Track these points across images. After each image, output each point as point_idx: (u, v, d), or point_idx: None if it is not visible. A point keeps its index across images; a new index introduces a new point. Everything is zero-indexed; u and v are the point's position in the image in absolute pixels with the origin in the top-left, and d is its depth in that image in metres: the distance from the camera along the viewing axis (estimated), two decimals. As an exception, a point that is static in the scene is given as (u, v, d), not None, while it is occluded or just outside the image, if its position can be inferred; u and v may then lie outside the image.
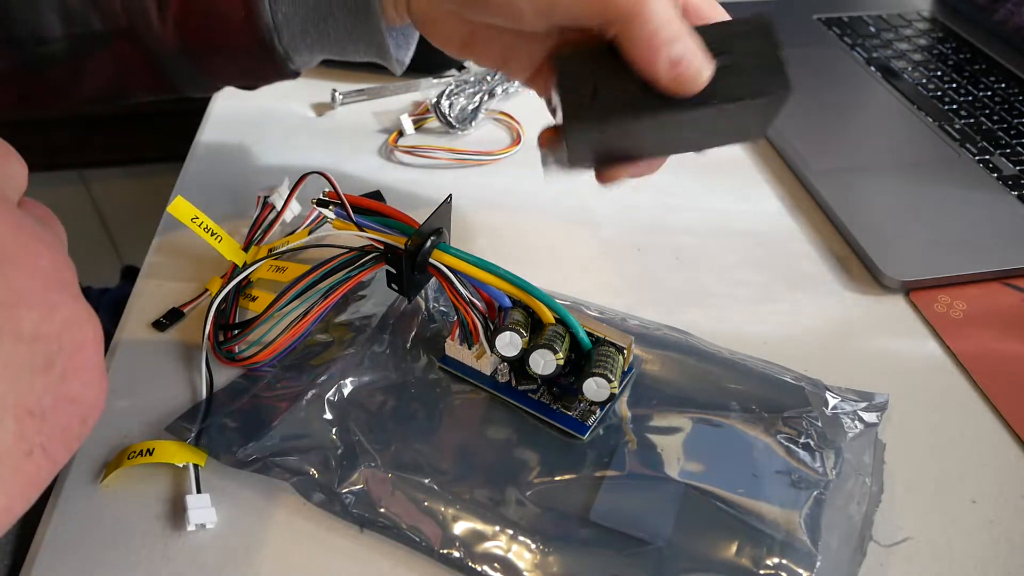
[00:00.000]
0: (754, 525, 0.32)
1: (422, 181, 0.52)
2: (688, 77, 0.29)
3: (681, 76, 0.29)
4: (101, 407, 0.24)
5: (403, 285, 0.37)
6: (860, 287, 0.45)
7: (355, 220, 0.37)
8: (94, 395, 0.23)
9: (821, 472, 0.34)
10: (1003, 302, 0.44)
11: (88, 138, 1.12)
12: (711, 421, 0.36)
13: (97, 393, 0.24)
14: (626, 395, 0.37)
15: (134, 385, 0.38)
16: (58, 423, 0.22)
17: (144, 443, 0.34)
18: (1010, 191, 0.51)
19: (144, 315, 0.42)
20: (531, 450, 0.35)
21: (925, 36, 0.70)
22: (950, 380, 0.40)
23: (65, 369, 0.22)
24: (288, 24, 0.37)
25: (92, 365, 0.23)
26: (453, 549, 0.31)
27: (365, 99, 0.60)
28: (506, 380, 0.37)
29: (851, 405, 0.37)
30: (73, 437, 0.23)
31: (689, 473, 0.34)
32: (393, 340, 0.40)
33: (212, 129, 0.57)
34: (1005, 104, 0.60)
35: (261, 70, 0.40)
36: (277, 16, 0.36)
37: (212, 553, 0.32)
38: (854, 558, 0.31)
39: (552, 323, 0.35)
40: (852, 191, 0.51)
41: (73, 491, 0.34)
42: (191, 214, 0.41)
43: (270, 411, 0.36)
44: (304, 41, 0.38)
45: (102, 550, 0.32)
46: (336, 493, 0.33)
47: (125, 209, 1.20)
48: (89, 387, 0.23)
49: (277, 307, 0.39)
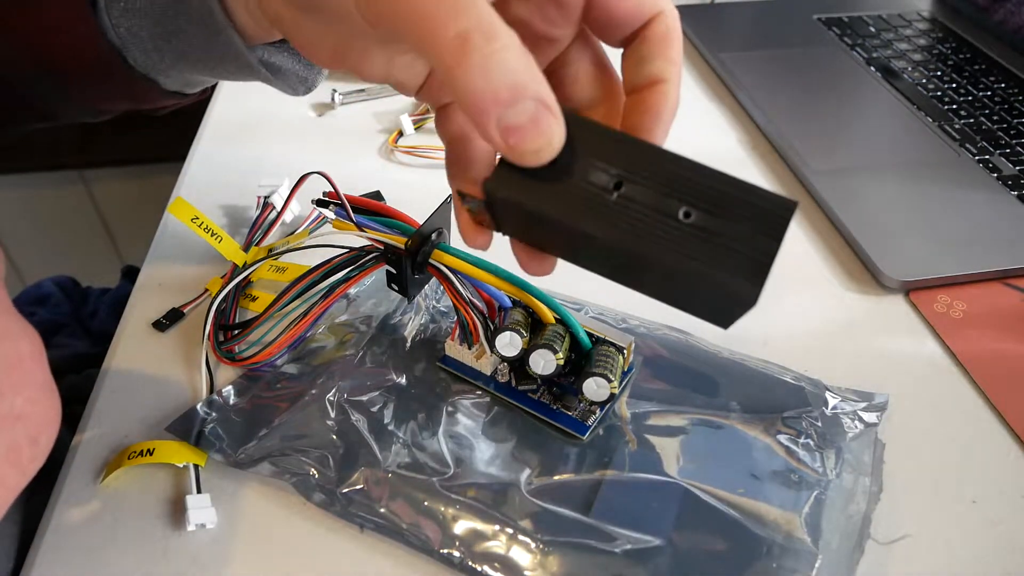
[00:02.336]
0: (754, 525, 0.32)
1: (422, 181, 0.52)
2: (525, 152, 0.22)
3: (516, 149, 0.22)
4: (55, 424, 0.23)
5: (403, 285, 0.37)
6: (860, 287, 0.45)
7: (355, 220, 0.37)
8: (43, 412, 0.22)
9: (821, 472, 0.34)
10: (1003, 302, 0.44)
11: (88, 138, 1.12)
12: (711, 421, 0.36)
13: (46, 409, 0.22)
14: (626, 395, 0.37)
15: (134, 385, 0.38)
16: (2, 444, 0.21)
17: (144, 443, 0.34)
18: (1010, 191, 0.51)
19: (144, 315, 0.42)
20: (531, 450, 0.35)
21: (925, 36, 0.70)
22: (950, 380, 0.40)
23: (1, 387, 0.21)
24: (135, 41, 0.34)
25: (34, 380, 0.22)
26: (453, 549, 0.31)
27: (365, 99, 0.60)
28: (506, 380, 0.37)
29: (851, 405, 0.37)
30: (25, 458, 0.22)
31: (689, 473, 0.34)
32: (393, 340, 0.40)
33: (212, 129, 0.57)
34: (1005, 104, 0.60)
35: (134, 92, 0.37)
36: (120, 31, 0.34)
37: (212, 553, 0.32)
38: (853, 556, 0.31)
39: (552, 323, 0.35)
40: (852, 191, 0.51)
41: (73, 491, 0.34)
42: (191, 214, 0.42)
43: (270, 411, 0.36)
44: (161, 59, 0.35)
45: (102, 550, 0.32)
46: (336, 493, 0.33)
47: (125, 209, 1.20)
48: (36, 404, 0.22)
49: (277, 307, 0.39)
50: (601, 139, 0.24)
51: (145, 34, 0.34)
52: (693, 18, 0.72)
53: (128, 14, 0.33)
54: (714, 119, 0.60)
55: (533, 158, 0.22)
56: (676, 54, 0.27)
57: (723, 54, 0.66)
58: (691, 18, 0.72)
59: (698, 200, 0.23)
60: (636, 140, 0.24)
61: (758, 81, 0.62)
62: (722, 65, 0.65)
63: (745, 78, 0.63)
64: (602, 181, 0.24)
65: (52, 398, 0.23)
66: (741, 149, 0.57)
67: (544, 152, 0.22)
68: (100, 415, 0.37)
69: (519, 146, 0.22)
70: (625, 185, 0.23)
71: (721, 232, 0.23)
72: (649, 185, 0.23)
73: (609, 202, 0.23)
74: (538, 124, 0.21)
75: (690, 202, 0.23)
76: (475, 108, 0.21)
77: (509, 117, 0.21)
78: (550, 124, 0.22)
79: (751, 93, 0.61)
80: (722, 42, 0.68)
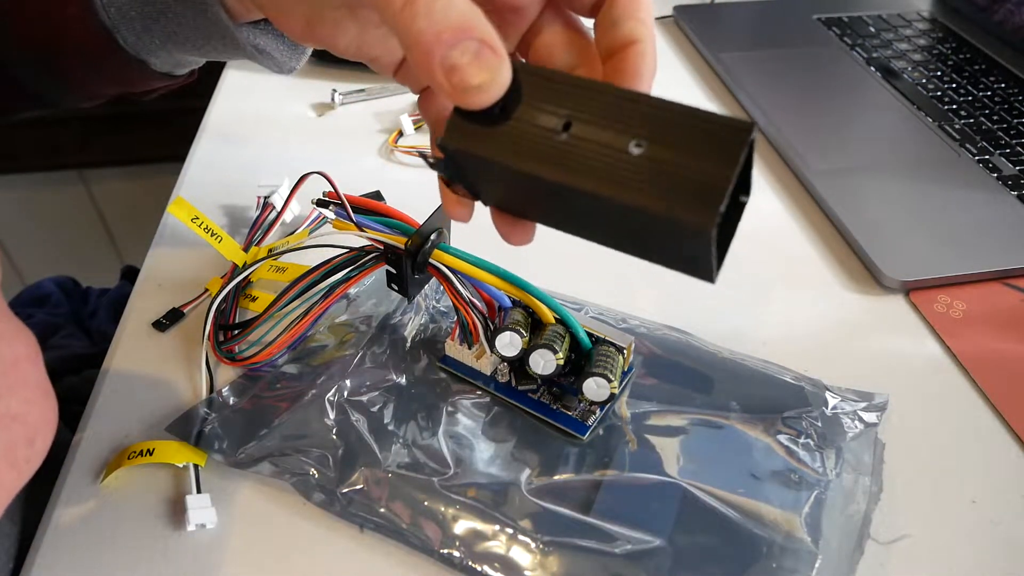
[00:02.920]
0: (754, 525, 0.32)
1: (422, 181, 0.52)
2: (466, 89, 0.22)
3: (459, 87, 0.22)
4: (51, 425, 0.23)
5: (403, 285, 0.37)
6: (860, 287, 0.45)
7: (355, 220, 0.37)
8: (39, 413, 0.22)
9: (821, 472, 0.34)
10: (1003, 302, 0.44)
11: (88, 138, 1.12)
12: (711, 421, 0.36)
13: (42, 411, 0.22)
14: (626, 395, 0.37)
15: (134, 385, 0.38)
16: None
17: (144, 443, 0.34)
18: (1010, 191, 0.51)
19: (144, 315, 0.42)
20: (531, 450, 0.35)
21: (925, 36, 0.70)
22: (950, 380, 0.40)
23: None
24: (126, 20, 0.34)
25: (30, 382, 0.22)
26: (453, 549, 0.31)
27: (365, 99, 0.60)
28: (506, 380, 0.37)
29: (851, 405, 0.37)
30: (21, 458, 0.22)
31: (689, 473, 0.34)
32: (393, 340, 0.40)
33: (212, 129, 0.57)
34: (1005, 104, 0.60)
35: (125, 73, 0.37)
36: (111, 11, 0.34)
37: (212, 553, 0.32)
38: (853, 556, 0.31)
39: (552, 323, 0.35)
40: (852, 191, 0.51)
41: (73, 491, 0.34)
42: (191, 214, 0.42)
43: (270, 411, 0.36)
44: (151, 39, 0.35)
45: (102, 550, 0.32)
46: (336, 493, 0.33)
47: (125, 209, 1.21)
48: (31, 404, 0.22)
49: (277, 307, 0.39)
50: (550, 83, 0.24)
51: (135, 14, 0.34)
52: (693, 18, 0.72)
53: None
54: (714, 119, 0.60)
55: (477, 96, 0.22)
56: (646, 14, 0.27)
57: (723, 54, 0.66)
58: (691, 18, 0.72)
59: (650, 132, 0.22)
60: (587, 81, 0.24)
61: (758, 81, 0.62)
62: (722, 65, 0.65)
63: (745, 78, 0.63)
64: (551, 123, 0.23)
65: (48, 399, 0.23)
66: (741, 149, 0.56)
67: (488, 88, 0.22)
68: (100, 415, 0.37)
69: (462, 82, 0.22)
70: (574, 125, 0.23)
71: (673, 162, 0.22)
72: (599, 123, 0.23)
73: (558, 143, 0.23)
74: (480, 58, 0.21)
75: (641, 135, 0.22)
76: (419, 49, 0.21)
77: (452, 56, 0.21)
78: (491, 60, 0.22)
79: (751, 93, 0.61)
80: (722, 42, 0.68)
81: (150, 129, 1.08)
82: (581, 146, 0.23)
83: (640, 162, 0.22)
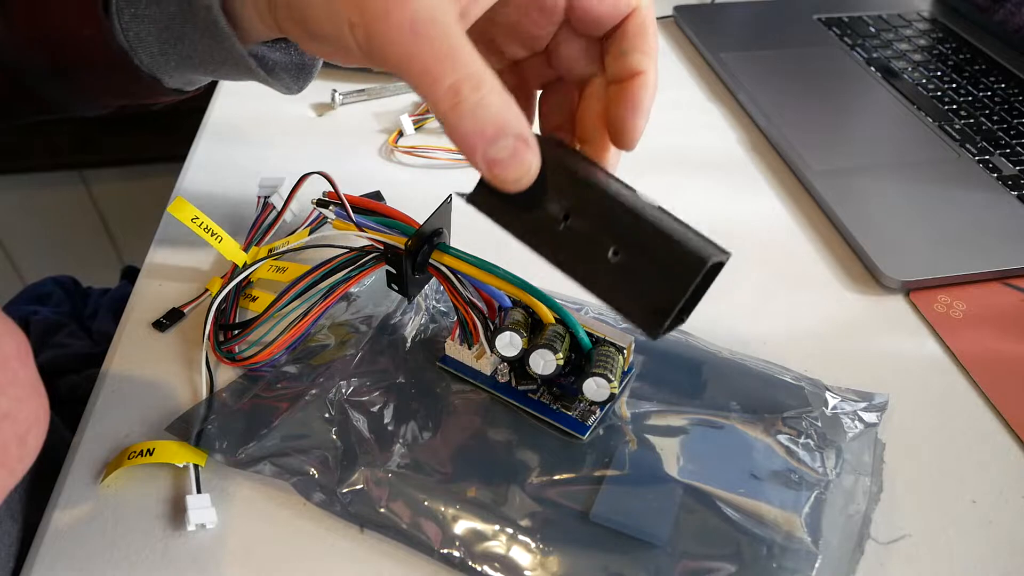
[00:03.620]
0: (754, 525, 0.32)
1: (422, 181, 0.52)
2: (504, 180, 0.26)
3: (498, 179, 0.26)
4: (43, 423, 0.23)
5: (403, 285, 0.37)
6: (860, 287, 0.45)
7: (355, 220, 0.37)
8: (30, 411, 0.22)
9: (821, 472, 0.34)
10: (1003, 302, 0.44)
11: (88, 138, 1.12)
12: (711, 421, 0.36)
13: (33, 409, 0.22)
14: (626, 395, 0.37)
15: (134, 385, 0.38)
16: None
17: (144, 443, 0.34)
18: (1010, 191, 0.51)
19: (144, 315, 0.42)
20: (531, 450, 0.35)
21: (925, 36, 0.70)
22: (950, 380, 0.40)
23: None
24: (143, 44, 0.35)
25: (20, 380, 0.22)
26: (453, 549, 0.31)
27: (365, 99, 0.60)
28: (506, 380, 0.37)
29: (851, 405, 0.37)
30: (13, 458, 0.22)
31: (689, 473, 0.34)
32: (393, 340, 0.40)
33: (212, 129, 0.57)
34: (1005, 104, 0.60)
35: (138, 89, 0.38)
36: (129, 35, 0.35)
37: (212, 553, 0.32)
38: (853, 556, 0.31)
39: (552, 323, 0.35)
40: (852, 191, 0.51)
41: (73, 491, 0.34)
42: (191, 214, 0.42)
43: (270, 411, 0.36)
44: (167, 61, 0.36)
45: (102, 550, 0.32)
46: (336, 493, 0.33)
47: (125, 209, 1.20)
48: (22, 403, 0.22)
49: (277, 307, 0.39)
50: (563, 170, 0.28)
51: (152, 39, 0.35)
52: (693, 18, 0.72)
53: (137, 20, 0.34)
54: (714, 119, 0.60)
55: (512, 187, 0.26)
56: (652, 47, 0.31)
57: (723, 54, 0.66)
58: (691, 18, 0.72)
59: (627, 243, 0.27)
60: (591, 178, 0.28)
61: (758, 81, 0.62)
62: (722, 65, 0.65)
63: (745, 78, 0.63)
64: (555, 212, 0.28)
65: (39, 397, 0.23)
66: (741, 149, 0.57)
67: (523, 180, 0.26)
68: (100, 415, 0.37)
69: (501, 175, 0.26)
70: (572, 218, 0.28)
71: (638, 276, 0.27)
72: (591, 221, 0.28)
73: (557, 231, 0.28)
74: (517, 157, 0.26)
75: (621, 245, 0.27)
76: (465, 144, 0.26)
77: (493, 152, 0.25)
78: (526, 156, 0.26)
79: (751, 93, 0.61)
80: (722, 42, 0.68)
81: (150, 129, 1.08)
82: (574, 239, 0.28)
83: (615, 269, 0.28)
